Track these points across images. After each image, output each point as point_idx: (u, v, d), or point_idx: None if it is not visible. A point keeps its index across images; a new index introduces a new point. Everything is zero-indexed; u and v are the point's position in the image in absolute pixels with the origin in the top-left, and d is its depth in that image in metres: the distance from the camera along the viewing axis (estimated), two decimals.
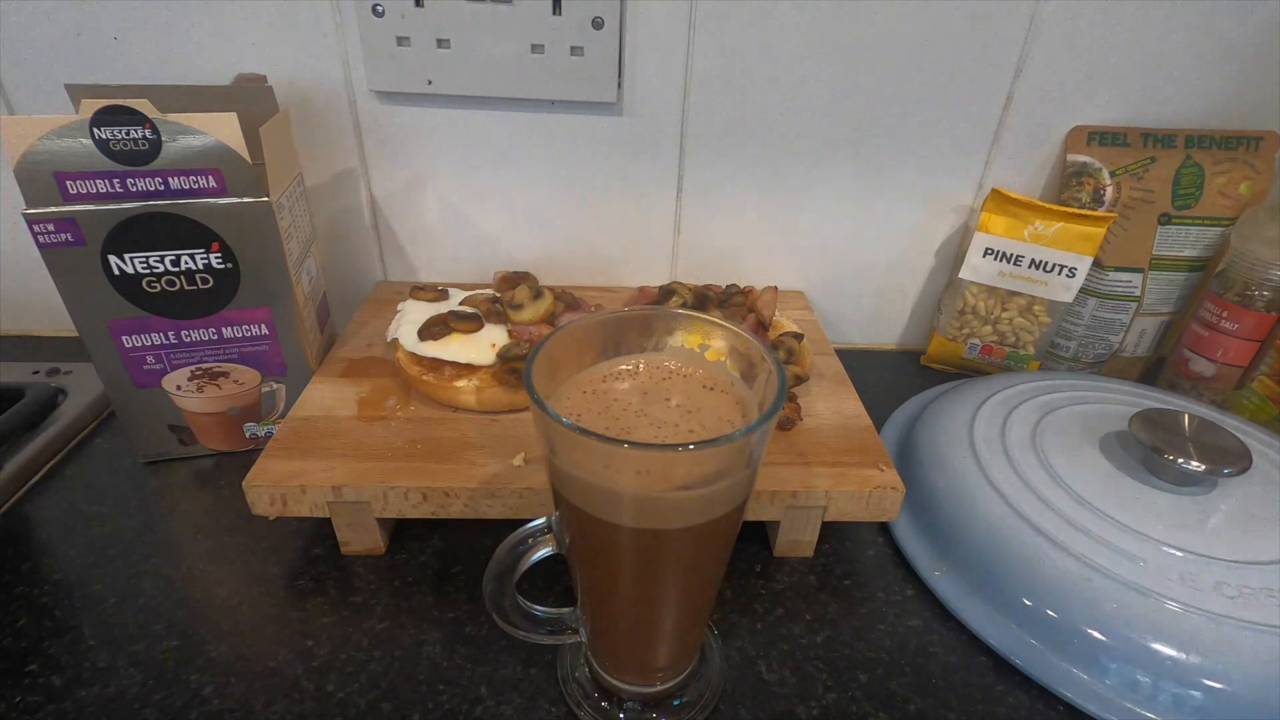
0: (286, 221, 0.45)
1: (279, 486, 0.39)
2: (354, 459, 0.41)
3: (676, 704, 0.35)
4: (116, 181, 0.40)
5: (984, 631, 0.39)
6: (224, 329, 0.46)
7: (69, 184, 0.39)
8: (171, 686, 0.35)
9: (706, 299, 0.54)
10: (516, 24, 0.51)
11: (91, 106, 0.38)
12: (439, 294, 0.52)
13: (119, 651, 0.37)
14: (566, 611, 0.34)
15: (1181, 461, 0.41)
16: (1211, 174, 0.57)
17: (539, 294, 0.50)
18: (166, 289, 0.43)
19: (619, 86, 0.55)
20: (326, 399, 0.47)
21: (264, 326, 0.46)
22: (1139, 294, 0.60)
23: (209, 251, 0.43)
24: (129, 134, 0.39)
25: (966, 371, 0.65)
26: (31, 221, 0.40)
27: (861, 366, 0.65)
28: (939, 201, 0.62)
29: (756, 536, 0.45)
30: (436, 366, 0.47)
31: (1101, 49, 0.55)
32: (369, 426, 0.44)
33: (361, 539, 0.42)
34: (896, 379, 0.64)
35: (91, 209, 0.40)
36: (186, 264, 0.43)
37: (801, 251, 0.65)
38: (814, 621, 0.40)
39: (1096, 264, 0.59)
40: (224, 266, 0.44)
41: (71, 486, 0.47)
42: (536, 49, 0.53)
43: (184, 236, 0.42)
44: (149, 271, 0.42)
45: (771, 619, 0.40)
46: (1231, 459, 0.41)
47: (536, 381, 0.25)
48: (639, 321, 0.31)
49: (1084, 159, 0.58)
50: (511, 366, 0.45)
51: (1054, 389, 0.53)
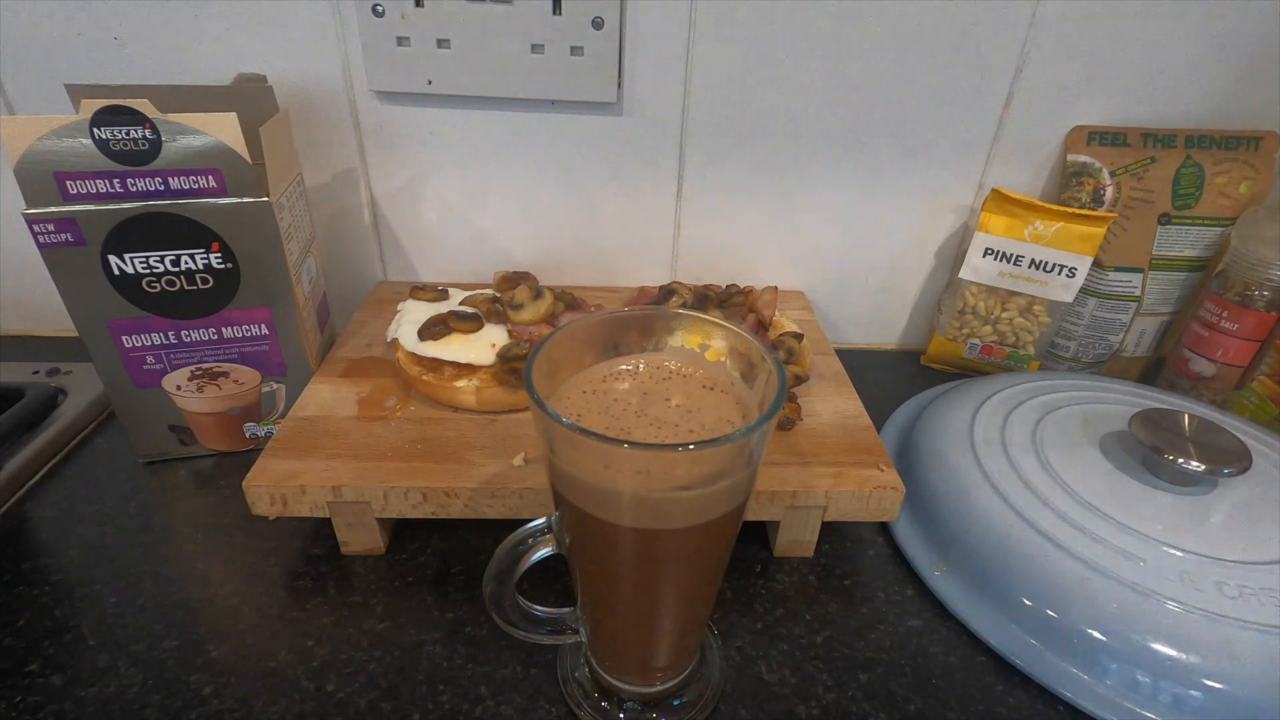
0: (286, 221, 0.45)
1: (279, 486, 0.39)
2: (354, 459, 0.41)
3: (676, 704, 0.35)
4: (116, 181, 0.40)
5: (984, 631, 0.39)
6: (224, 329, 0.46)
7: (69, 184, 0.39)
8: (171, 686, 0.35)
9: (706, 299, 0.54)
10: (516, 24, 0.51)
11: (91, 106, 0.38)
12: (439, 294, 0.52)
13: (119, 651, 0.37)
14: (566, 611, 0.34)
15: (1181, 461, 0.41)
16: (1211, 174, 0.57)
17: (539, 294, 0.50)
18: (166, 289, 0.43)
19: (619, 86, 0.55)
20: (326, 399, 0.47)
21: (264, 326, 0.46)
22: (1139, 294, 0.60)
23: (209, 251, 0.43)
24: (129, 134, 0.39)
25: (966, 371, 0.65)
26: (31, 221, 0.40)
27: (861, 366, 0.65)
28: (939, 201, 0.62)
29: (756, 536, 0.45)
30: (436, 366, 0.47)
31: (1101, 49, 0.55)
32: (369, 426, 0.44)
33: (361, 539, 0.42)
34: (896, 379, 0.64)
35: (91, 209, 0.40)
36: (186, 264, 0.43)
37: (801, 251, 0.65)
38: (814, 621, 0.40)
39: (1096, 264, 0.59)
40: (224, 266, 0.44)
41: (71, 487, 0.47)
42: (536, 49, 0.53)
43: (184, 236, 0.42)
44: (149, 271, 0.42)
45: (771, 619, 0.40)
46: (1231, 459, 0.41)
47: (536, 381, 0.25)
48: (639, 321, 0.31)
49: (1084, 159, 0.58)
50: (511, 366, 0.45)
51: (1054, 389, 0.52)
